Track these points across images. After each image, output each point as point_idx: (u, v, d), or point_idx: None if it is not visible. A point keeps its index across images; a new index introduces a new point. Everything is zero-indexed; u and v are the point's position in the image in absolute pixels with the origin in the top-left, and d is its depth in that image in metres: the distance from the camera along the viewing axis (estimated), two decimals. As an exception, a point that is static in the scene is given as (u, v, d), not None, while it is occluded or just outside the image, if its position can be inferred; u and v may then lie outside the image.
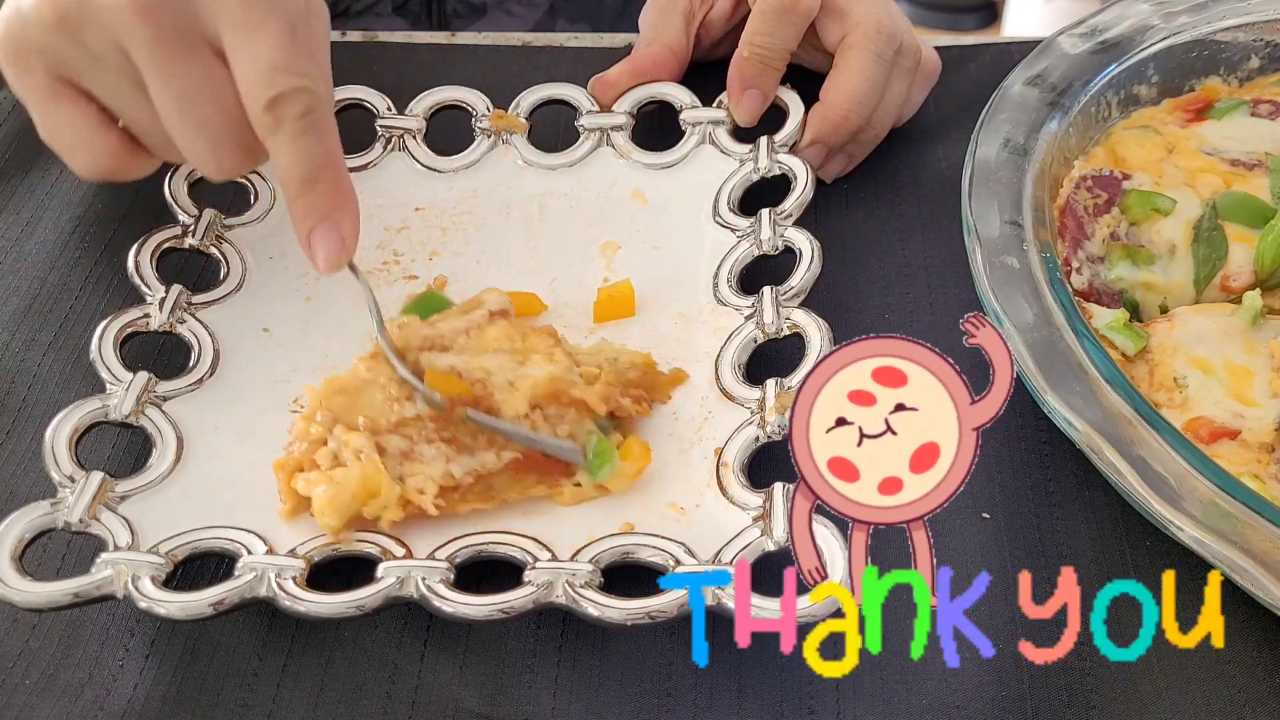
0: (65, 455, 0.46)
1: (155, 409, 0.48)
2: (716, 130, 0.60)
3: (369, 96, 0.62)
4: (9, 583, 0.41)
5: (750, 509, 0.45)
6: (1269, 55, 0.61)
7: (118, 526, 0.44)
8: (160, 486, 0.46)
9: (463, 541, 0.44)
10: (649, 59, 0.62)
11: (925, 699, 0.43)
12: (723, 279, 0.54)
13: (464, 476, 0.45)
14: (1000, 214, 0.51)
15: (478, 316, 0.51)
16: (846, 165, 0.62)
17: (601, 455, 0.46)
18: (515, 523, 0.46)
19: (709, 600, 0.40)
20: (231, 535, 0.44)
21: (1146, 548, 0.47)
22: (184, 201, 0.56)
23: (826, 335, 0.49)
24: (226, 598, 0.41)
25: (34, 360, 0.54)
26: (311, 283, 0.55)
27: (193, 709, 0.43)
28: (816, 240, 0.53)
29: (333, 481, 0.44)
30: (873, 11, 0.58)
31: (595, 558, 0.43)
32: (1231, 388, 0.48)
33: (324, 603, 0.42)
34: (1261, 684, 0.43)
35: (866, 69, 0.58)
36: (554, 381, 0.47)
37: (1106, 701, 0.43)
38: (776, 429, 0.47)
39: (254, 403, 0.50)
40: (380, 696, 0.43)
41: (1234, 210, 0.53)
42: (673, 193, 0.59)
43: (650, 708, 0.43)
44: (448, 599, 0.42)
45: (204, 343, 0.51)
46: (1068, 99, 0.56)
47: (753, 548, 0.43)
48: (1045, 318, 0.47)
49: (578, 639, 0.45)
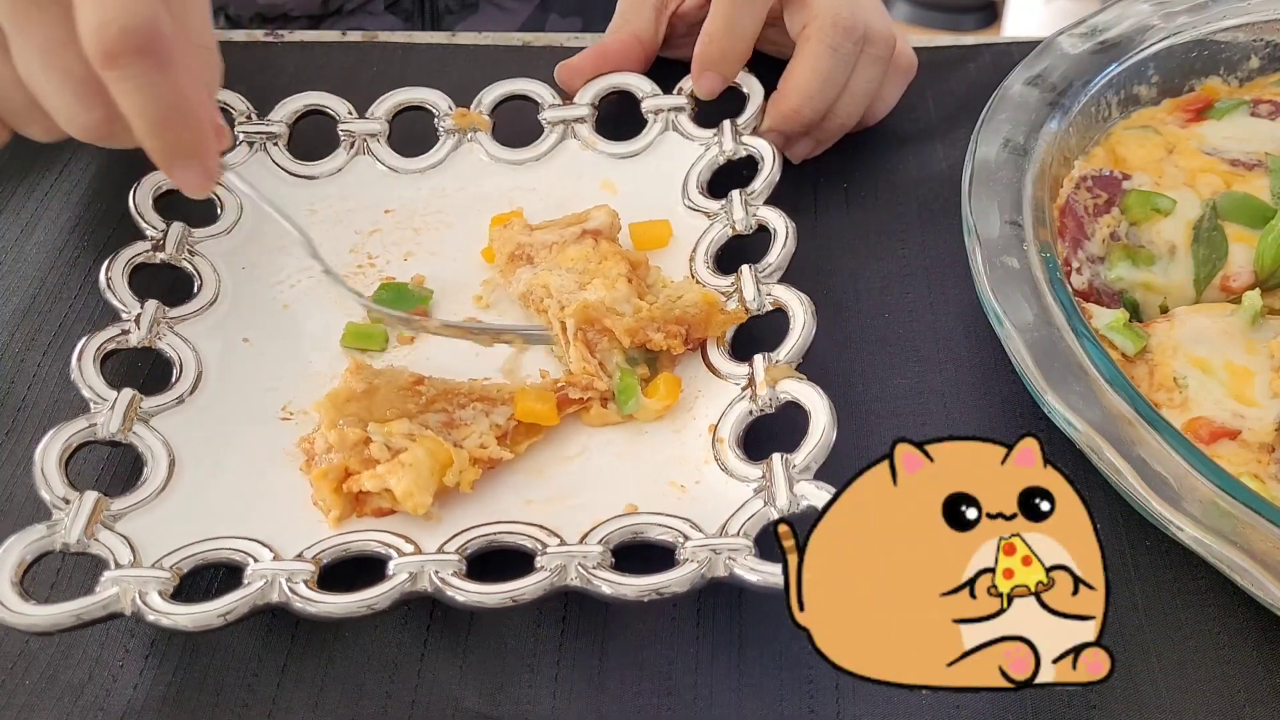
0: (57, 476, 0.45)
1: (143, 425, 0.48)
2: (678, 117, 0.61)
3: (329, 102, 0.61)
4: (12, 607, 0.41)
5: (751, 481, 0.45)
6: (1269, 55, 0.61)
7: (117, 545, 0.44)
8: (155, 502, 0.46)
9: (470, 534, 0.44)
10: (615, 46, 0.62)
11: (925, 699, 0.43)
12: (699, 260, 0.55)
13: (507, 422, 0.48)
14: (1000, 214, 0.51)
15: (570, 233, 0.53)
16: (814, 148, 0.62)
17: (625, 390, 0.49)
18: (521, 513, 0.46)
19: (721, 571, 0.41)
20: (235, 545, 0.44)
21: (1146, 548, 0.47)
22: (150, 216, 0.56)
23: (809, 308, 0.50)
24: (237, 607, 0.41)
25: (34, 360, 0.54)
26: (288, 290, 0.55)
27: (193, 709, 0.43)
28: (790, 219, 0.54)
29: (405, 465, 0.44)
30: (832, 4, 0.57)
31: (605, 539, 0.44)
32: (1231, 388, 0.48)
33: (339, 603, 0.42)
34: (1261, 684, 0.43)
35: (820, 62, 0.57)
36: (587, 309, 0.50)
37: (1106, 701, 0.43)
38: (768, 402, 0.47)
39: (241, 413, 0.50)
40: (380, 696, 0.43)
41: (1234, 210, 0.53)
42: (641, 180, 0.60)
43: (650, 708, 0.43)
44: (462, 589, 0.42)
45: (185, 357, 0.51)
46: (1068, 99, 0.56)
47: (757, 518, 0.43)
48: (1045, 318, 0.47)
49: (578, 639, 0.45)
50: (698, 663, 0.44)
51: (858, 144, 0.63)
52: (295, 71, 0.69)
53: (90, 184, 0.62)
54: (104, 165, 0.64)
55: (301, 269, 0.56)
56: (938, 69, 0.68)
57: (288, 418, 0.50)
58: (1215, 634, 0.44)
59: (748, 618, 0.45)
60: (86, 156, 0.64)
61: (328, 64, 0.69)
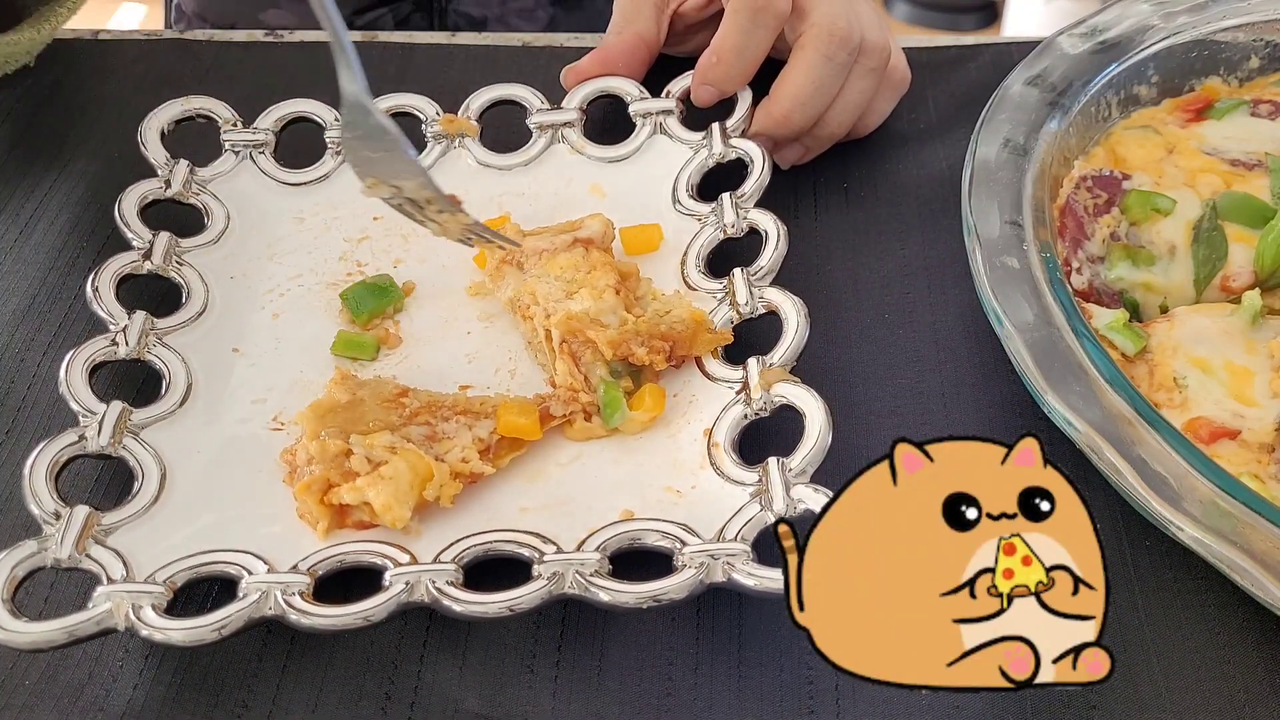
0: (45, 492, 0.44)
1: (132, 438, 0.47)
2: (667, 120, 0.61)
3: (314, 109, 0.61)
4: (3, 625, 0.41)
5: (747, 485, 0.45)
6: (1269, 55, 0.61)
7: (109, 559, 0.43)
8: (146, 516, 0.45)
9: (466, 543, 0.44)
10: (619, 48, 0.62)
11: (925, 699, 0.43)
12: (690, 264, 0.55)
13: (490, 435, 0.47)
14: (1000, 214, 0.51)
15: (561, 240, 0.53)
16: (803, 155, 0.62)
17: (609, 404, 0.48)
18: (515, 520, 0.46)
19: (719, 576, 0.41)
20: (229, 557, 0.44)
21: (1146, 548, 0.47)
22: (136, 226, 0.55)
23: (802, 311, 0.50)
24: (231, 620, 0.41)
25: (34, 360, 0.54)
26: (277, 299, 0.55)
27: (193, 709, 0.43)
28: (781, 221, 0.54)
29: (384, 478, 0.44)
30: (830, 13, 0.57)
31: (602, 545, 0.43)
32: (1231, 388, 0.48)
33: (334, 615, 0.41)
34: (1261, 684, 0.43)
35: (813, 71, 0.57)
36: (571, 319, 0.49)
37: (1106, 701, 0.42)
38: (763, 406, 0.47)
39: (232, 424, 0.50)
40: (380, 697, 0.43)
41: (1234, 210, 0.53)
42: (630, 184, 0.60)
43: (650, 708, 0.43)
44: (459, 599, 0.42)
45: (174, 368, 0.50)
46: (1068, 99, 0.56)
47: (754, 522, 0.43)
48: (1045, 318, 0.47)
49: (577, 639, 0.45)
50: (698, 663, 0.44)
51: (858, 144, 0.63)
52: (295, 71, 0.69)
53: (90, 185, 0.62)
54: (104, 166, 0.64)
55: (291, 278, 0.56)
56: (938, 69, 0.68)
57: (278, 428, 0.50)
58: (1215, 634, 0.44)
59: (747, 618, 0.45)
60: (86, 157, 0.64)
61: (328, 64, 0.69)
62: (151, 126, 0.59)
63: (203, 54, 0.71)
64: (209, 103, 0.61)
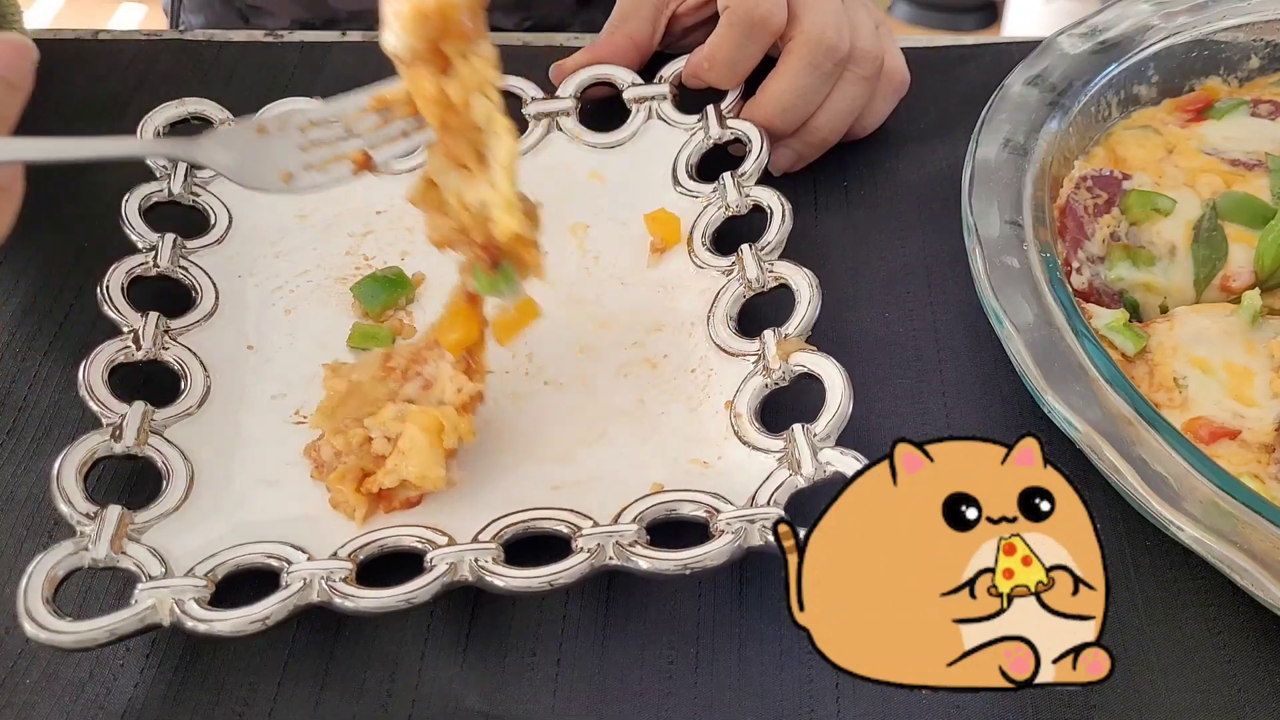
0: (77, 492, 0.44)
1: (157, 437, 0.48)
2: (661, 105, 0.61)
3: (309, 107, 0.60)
4: (46, 625, 0.41)
5: (773, 452, 0.45)
6: (1269, 55, 0.61)
7: (146, 557, 0.43)
8: (178, 514, 0.46)
9: (503, 521, 0.45)
10: (609, 47, 0.62)
11: (925, 699, 0.43)
12: (697, 242, 0.55)
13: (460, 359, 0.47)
14: (1000, 214, 0.51)
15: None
16: (796, 162, 0.61)
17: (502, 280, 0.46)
18: (549, 499, 0.46)
19: (756, 540, 0.42)
20: (268, 549, 0.44)
21: (1146, 548, 0.47)
22: (141, 229, 0.55)
23: (814, 281, 0.50)
24: (277, 610, 0.41)
25: (34, 360, 0.54)
26: (288, 295, 0.55)
27: (193, 708, 0.43)
28: (785, 198, 0.54)
29: (406, 452, 0.45)
30: (819, 21, 0.57)
31: (638, 517, 0.44)
32: (1231, 388, 0.48)
33: (380, 598, 0.42)
34: (1261, 684, 0.43)
35: (797, 78, 0.57)
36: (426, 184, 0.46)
37: (1106, 701, 0.43)
38: (782, 376, 0.48)
39: (254, 420, 0.50)
40: (380, 695, 0.43)
41: (1234, 210, 0.53)
42: (629, 169, 0.60)
43: (650, 707, 0.43)
44: (503, 575, 0.42)
45: (191, 367, 0.50)
46: (1068, 99, 0.56)
47: (785, 486, 0.44)
48: (1045, 318, 0.47)
49: (578, 638, 0.45)
50: (698, 663, 0.44)
51: (857, 144, 0.63)
52: (295, 71, 0.69)
53: (90, 185, 0.62)
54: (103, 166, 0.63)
55: (298, 274, 0.56)
56: (938, 69, 0.68)
57: (301, 422, 0.50)
58: (1215, 634, 0.44)
59: (748, 618, 0.45)
60: (87, 156, 0.64)
61: (328, 64, 0.69)
62: (147, 129, 0.60)
63: (202, 54, 0.71)
64: (204, 105, 0.61)
